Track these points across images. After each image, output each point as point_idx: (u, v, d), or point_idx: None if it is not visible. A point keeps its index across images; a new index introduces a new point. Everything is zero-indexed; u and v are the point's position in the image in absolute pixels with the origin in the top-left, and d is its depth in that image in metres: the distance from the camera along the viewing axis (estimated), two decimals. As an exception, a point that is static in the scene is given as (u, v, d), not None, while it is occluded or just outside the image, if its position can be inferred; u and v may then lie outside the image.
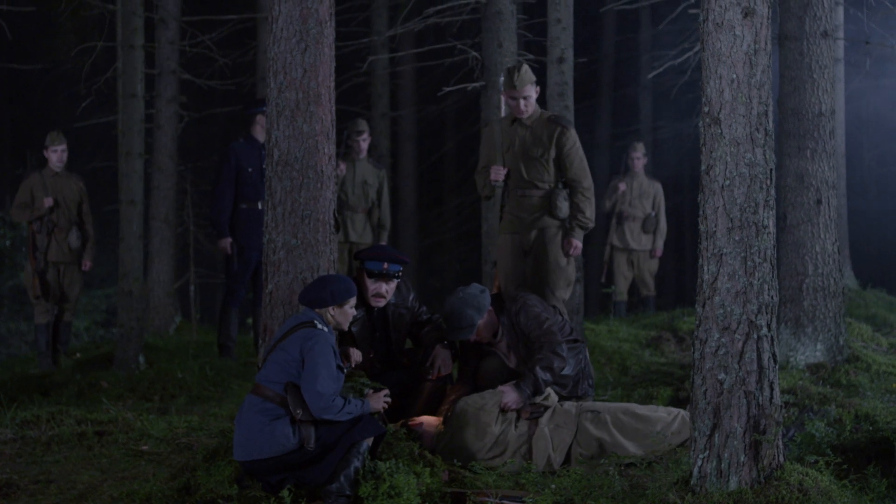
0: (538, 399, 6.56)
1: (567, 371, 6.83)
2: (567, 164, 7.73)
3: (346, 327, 6.05)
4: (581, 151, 7.80)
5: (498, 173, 7.81)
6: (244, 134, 10.35)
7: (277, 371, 5.73)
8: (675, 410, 6.57)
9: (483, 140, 8.08)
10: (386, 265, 6.72)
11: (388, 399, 5.98)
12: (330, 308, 5.90)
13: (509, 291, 7.10)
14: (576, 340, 7.02)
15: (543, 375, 6.58)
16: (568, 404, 6.58)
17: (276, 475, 5.72)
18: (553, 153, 7.73)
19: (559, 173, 7.78)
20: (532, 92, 7.73)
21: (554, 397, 6.63)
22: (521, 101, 7.72)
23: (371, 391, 6.00)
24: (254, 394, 5.79)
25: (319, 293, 5.89)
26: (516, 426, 6.44)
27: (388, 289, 6.79)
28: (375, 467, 5.72)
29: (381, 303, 6.82)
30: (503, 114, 8.05)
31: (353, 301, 5.98)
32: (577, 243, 7.78)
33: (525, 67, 7.74)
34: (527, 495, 5.72)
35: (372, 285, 6.76)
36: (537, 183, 7.77)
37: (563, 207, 7.74)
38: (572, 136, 7.75)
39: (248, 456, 5.70)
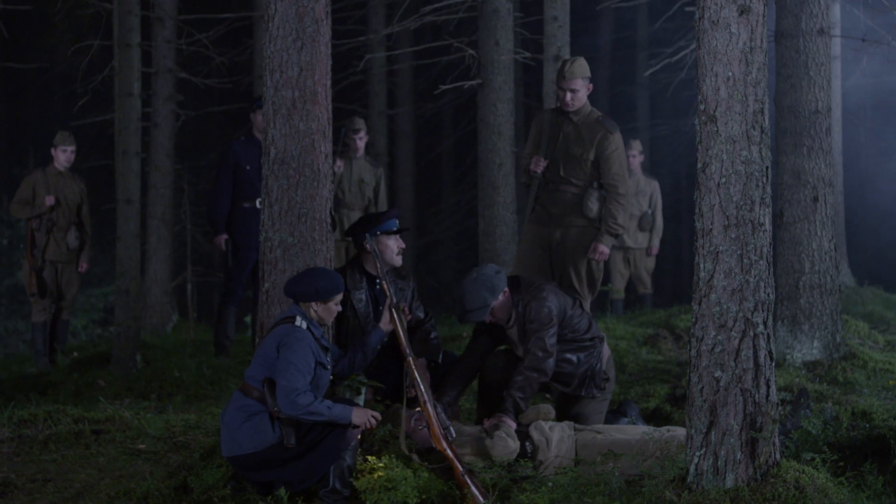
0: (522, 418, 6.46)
1: (570, 369, 6.76)
2: (605, 168, 7.71)
3: (329, 322, 6.06)
4: (622, 157, 7.77)
5: (538, 164, 7.80)
6: (245, 132, 10.36)
7: (259, 367, 5.78)
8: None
9: (532, 127, 8.05)
10: (397, 220, 6.77)
11: (374, 420, 5.84)
12: (313, 304, 5.89)
13: (531, 279, 6.95)
14: (593, 338, 6.85)
15: (518, 395, 6.42)
16: (566, 424, 6.46)
17: (261, 472, 5.73)
18: (593, 155, 7.70)
19: (596, 174, 7.75)
20: (582, 87, 7.69)
21: (548, 409, 6.56)
22: (569, 94, 7.69)
23: (361, 404, 6.00)
24: (240, 390, 5.85)
25: (305, 288, 5.86)
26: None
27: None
28: (370, 462, 5.73)
29: (401, 259, 6.82)
30: (557, 103, 8.00)
31: (338, 298, 5.97)
32: (604, 249, 7.74)
33: (579, 61, 7.69)
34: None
35: (394, 243, 6.73)
36: (572, 180, 7.76)
37: (594, 208, 7.72)
38: (615, 141, 7.72)
39: (232, 451, 5.75)
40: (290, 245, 6.26)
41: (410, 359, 6.08)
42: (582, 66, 7.68)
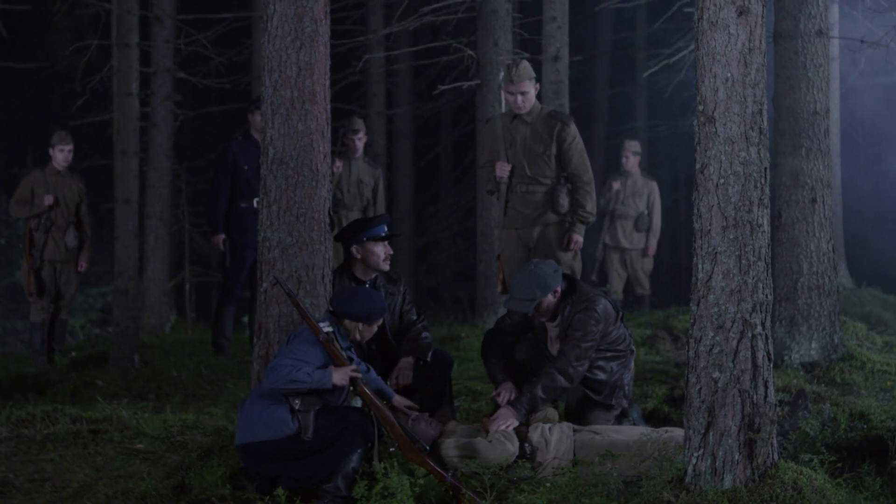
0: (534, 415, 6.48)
1: (604, 377, 6.79)
2: (567, 159, 7.78)
3: (363, 342, 6.14)
4: (581, 146, 7.84)
5: (503, 169, 7.85)
6: (243, 132, 10.38)
7: None
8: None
9: (486, 135, 8.13)
10: (385, 226, 6.80)
11: (356, 374, 5.80)
12: (360, 325, 6.00)
13: (590, 288, 6.96)
14: (626, 349, 6.88)
15: (542, 394, 6.46)
16: (565, 425, 6.46)
17: (271, 465, 5.71)
18: (554, 149, 7.76)
19: (561, 168, 7.81)
20: (530, 88, 7.75)
21: (554, 413, 6.56)
22: (519, 97, 7.75)
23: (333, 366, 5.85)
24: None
25: (356, 309, 5.97)
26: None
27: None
28: (370, 468, 5.71)
29: (388, 265, 6.85)
30: (503, 109, 8.06)
31: (381, 321, 6.11)
32: (578, 238, 7.81)
33: (524, 63, 7.76)
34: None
35: (383, 250, 6.76)
36: (540, 179, 7.81)
37: (565, 203, 7.78)
38: (572, 132, 7.79)
39: (246, 438, 5.74)
40: (289, 245, 6.26)
41: (361, 385, 5.93)
42: (527, 68, 7.76)
